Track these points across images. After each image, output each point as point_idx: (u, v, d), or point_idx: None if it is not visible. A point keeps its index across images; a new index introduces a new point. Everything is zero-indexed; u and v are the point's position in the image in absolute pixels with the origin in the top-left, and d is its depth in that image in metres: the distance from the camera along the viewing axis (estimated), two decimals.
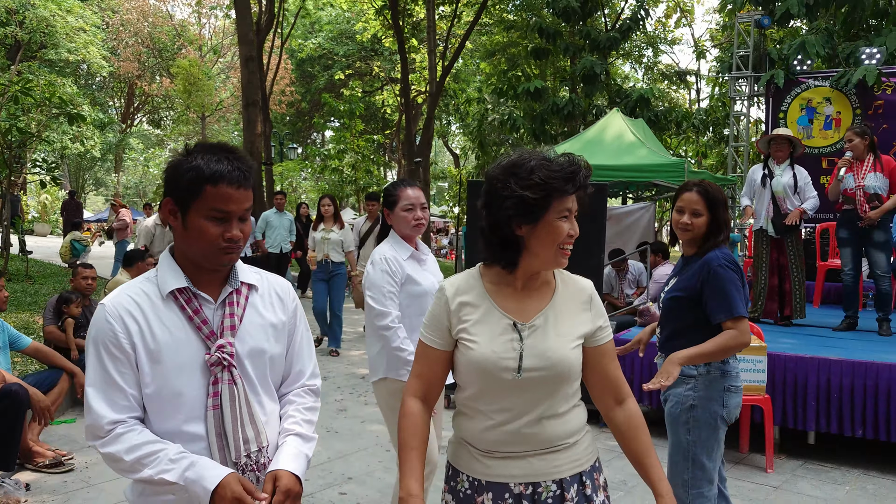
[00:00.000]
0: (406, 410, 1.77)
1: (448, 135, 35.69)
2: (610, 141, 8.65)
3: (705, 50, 22.09)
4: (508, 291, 1.74)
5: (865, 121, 8.81)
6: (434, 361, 1.78)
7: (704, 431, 2.75)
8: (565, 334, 1.73)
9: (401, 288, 3.00)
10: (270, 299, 1.79)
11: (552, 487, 1.72)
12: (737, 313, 2.68)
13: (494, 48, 21.84)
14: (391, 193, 3.10)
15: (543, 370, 1.68)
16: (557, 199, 1.64)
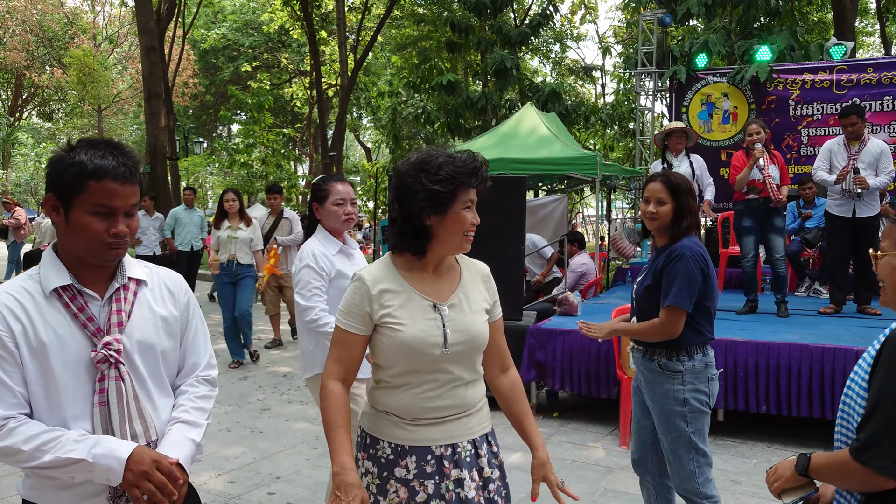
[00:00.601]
0: (328, 392, 1.90)
1: (360, 128, 35.40)
2: (525, 135, 8.80)
3: (609, 46, 22.85)
4: (422, 276, 1.93)
5: (759, 115, 9.35)
6: (353, 346, 1.92)
7: (700, 420, 2.85)
8: (477, 310, 1.97)
9: (330, 283, 2.99)
10: (161, 293, 1.80)
11: (468, 447, 1.94)
12: (671, 302, 2.74)
13: (406, 41, 21.81)
14: (321, 188, 3.08)
15: (465, 343, 1.91)
16: (462, 191, 1.83)
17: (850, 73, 9.19)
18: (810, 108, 9.31)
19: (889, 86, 9.00)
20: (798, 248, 7.78)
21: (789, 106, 9.37)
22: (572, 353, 5.49)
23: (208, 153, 26.32)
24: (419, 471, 1.89)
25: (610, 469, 4.45)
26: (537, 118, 9.15)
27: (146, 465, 1.58)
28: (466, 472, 1.91)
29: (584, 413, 5.72)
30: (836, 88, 9.21)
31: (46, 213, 1.66)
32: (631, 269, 9.55)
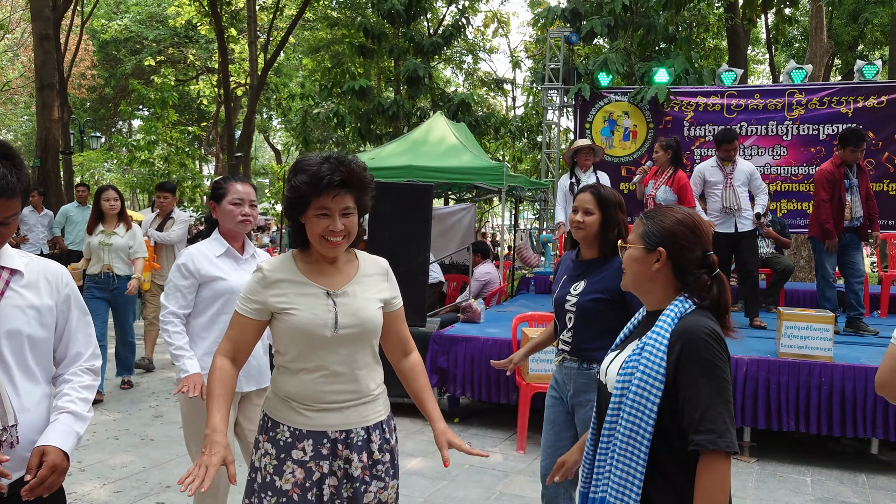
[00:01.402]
0: (215, 365, 2.04)
1: (269, 130, 34.66)
2: (434, 143, 8.90)
3: (520, 60, 23.40)
4: (318, 269, 2.10)
5: (657, 134, 9.83)
6: (246, 329, 2.08)
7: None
8: (370, 298, 2.13)
9: (204, 285, 2.90)
10: (37, 283, 1.83)
11: (361, 433, 2.10)
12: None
13: (318, 44, 21.57)
14: (220, 186, 3.00)
15: (356, 327, 2.06)
16: (314, 198, 1.96)
17: (739, 98, 9.81)
18: (703, 129, 9.87)
19: (774, 111, 9.66)
20: None
21: (684, 126, 9.90)
22: (473, 359, 5.58)
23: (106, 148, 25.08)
24: (315, 453, 2.04)
25: (506, 473, 4.55)
26: (447, 127, 9.27)
27: None
28: (356, 455, 2.07)
29: (483, 418, 5.82)
30: (727, 112, 9.80)
31: None
32: (534, 278, 9.80)
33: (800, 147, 9.61)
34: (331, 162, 1.97)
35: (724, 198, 6.30)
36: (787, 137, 9.63)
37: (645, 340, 1.76)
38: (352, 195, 2.00)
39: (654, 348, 1.72)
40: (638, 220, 1.88)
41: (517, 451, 4.97)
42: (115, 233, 5.98)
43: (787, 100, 9.65)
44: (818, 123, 9.54)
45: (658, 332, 1.74)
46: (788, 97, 9.65)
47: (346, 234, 2.03)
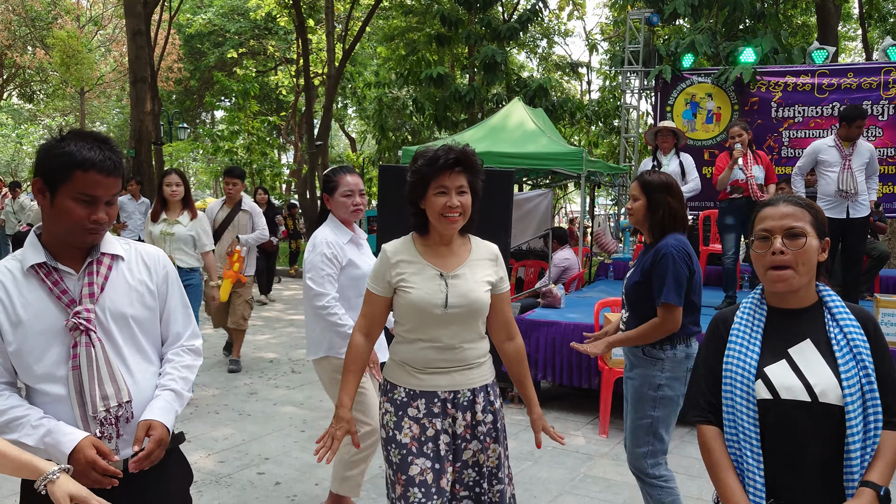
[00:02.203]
0: (352, 342, 2.35)
1: (344, 118, 35.27)
2: (512, 129, 8.92)
3: (596, 43, 22.99)
4: (434, 251, 2.31)
5: (742, 116, 9.54)
6: (377, 305, 2.35)
7: (668, 409, 2.95)
8: (479, 281, 2.31)
9: (341, 271, 3.11)
10: (137, 267, 1.94)
11: (467, 394, 2.33)
12: (665, 300, 2.83)
13: (393, 32, 21.79)
14: (331, 179, 3.20)
15: (464, 307, 2.26)
16: (434, 179, 2.19)
17: (831, 78, 9.40)
18: (792, 110, 9.52)
19: (868, 91, 9.22)
20: None
21: (771, 108, 9.57)
22: (555, 343, 5.62)
23: (192, 139, 26.13)
24: (427, 411, 2.30)
25: (590, 456, 4.59)
26: (525, 113, 9.27)
27: (82, 465, 1.69)
28: (460, 414, 2.31)
29: (565, 402, 5.86)
30: (818, 92, 9.41)
31: (34, 195, 1.79)
32: (613, 264, 9.71)
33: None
34: (445, 146, 2.22)
35: (840, 180, 5.92)
36: (882, 118, 9.19)
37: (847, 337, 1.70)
38: (465, 175, 2.21)
39: (860, 342, 1.69)
40: (796, 209, 1.75)
41: (600, 434, 4.99)
42: (178, 221, 5.40)
43: (883, 78, 9.19)
44: None
45: (849, 324, 1.71)
46: (884, 75, 9.19)
47: (462, 211, 2.21)
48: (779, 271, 1.69)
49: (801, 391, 1.68)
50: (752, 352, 1.74)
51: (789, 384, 1.69)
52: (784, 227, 1.70)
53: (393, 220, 5.37)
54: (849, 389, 1.64)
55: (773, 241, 1.70)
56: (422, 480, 2.24)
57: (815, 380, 1.68)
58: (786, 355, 1.73)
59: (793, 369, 1.70)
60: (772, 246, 1.70)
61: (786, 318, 1.76)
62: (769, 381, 1.71)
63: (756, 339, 1.76)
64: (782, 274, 1.69)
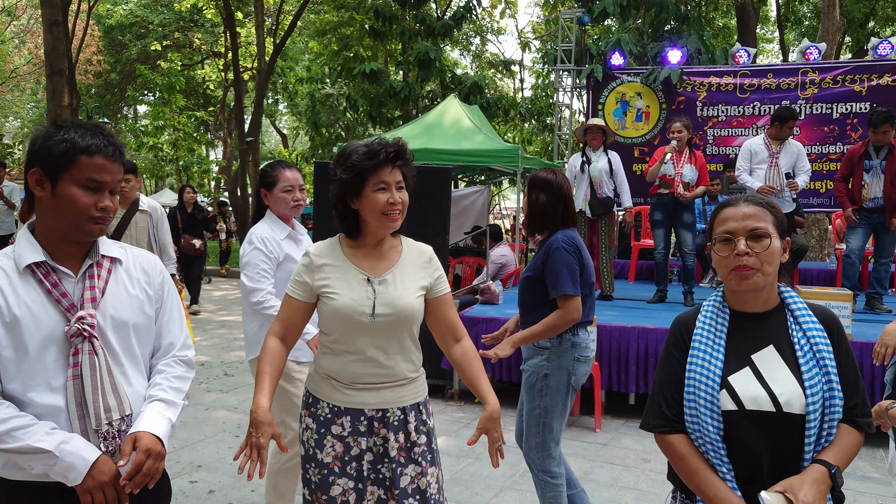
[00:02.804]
0: (266, 346, 2.14)
1: (276, 114, 34.60)
2: (448, 126, 8.91)
3: (528, 42, 23.27)
4: (362, 253, 2.17)
5: (670, 115, 9.81)
6: (296, 310, 2.17)
7: (555, 398, 2.99)
8: (410, 287, 2.16)
9: (278, 266, 3.03)
10: (135, 272, 1.83)
11: (398, 413, 2.16)
12: (562, 291, 2.91)
13: (325, 27, 21.47)
14: (269, 174, 3.13)
15: (392, 315, 2.10)
16: (372, 174, 2.05)
17: (752, 78, 9.77)
18: (716, 109, 9.84)
19: (787, 91, 9.63)
20: (703, 242, 8.23)
21: (697, 107, 9.87)
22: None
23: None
24: (353, 429, 2.13)
25: None
26: (460, 110, 9.27)
27: (106, 477, 1.63)
28: (392, 434, 2.13)
29: (505, 398, 5.87)
30: (740, 92, 9.77)
31: (30, 188, 1.70)
32: None
33: (813, 126, 9.58)
34: (380, 141, 2.10)
35: (767, 177, 6.22)
36: (800, 117, 9.60)
37: (811, 342, 1.65)
38: (402, 170, 2.11)
39: (823, 346, 1.65)
40: (758, 209, 1.69)
41: None
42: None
43: (801, 79, 9.61)
44: (832, 102, 9.50)
45: (812, 328, 1.66)
46: (802, 76, 9.60)
47: (402, 208, 2.11)
48: (743, 272, 1.64)
49: (766, 402, 1.62)
50: (717, 359, 1.67)
51: (754, 394, 1.62)
52: (747, 228, 1.65)
53: (329, 217, 5.26)
54: (812, 398, 1.59)
55: (737, 243, 1.65)
56: (344, 501, 2.12)
57: (780, 389, 1.62)
58: (749, 362, 1.66)
59: (757, 378, 1.64)
60: (735, 248, 1.65)
61: (749, 321, 1.71)
62: (734, 392, 1.64)
63: (720, 346, 1.68)
64: (747, 275, 1.64)
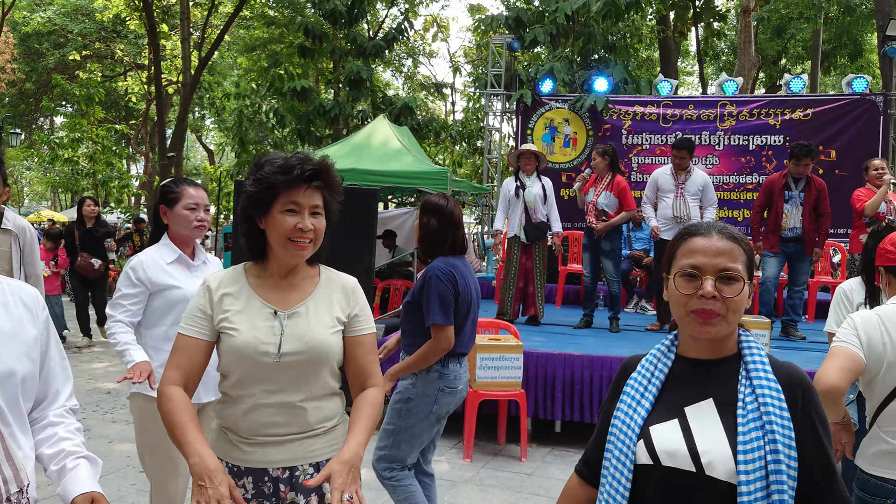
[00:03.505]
0: (169, 395, 1.76)
1: (202, 129, 33.74)
2: (377, 146, 8.80)
3: (459, 65, 23.50)
4: (271, 283, 1.88)
5: (596, 142, 9.99)
6: (193, 351, 1.83)
7: (412, 421, 3.02)
8: (324, 322, 1.86)
9: (156, 294, 2.76)
10: (16, 309, 1.52)
11: (309, 470, 1.84)
12: (432, 321, 2.92)
13: (254, 43, 21.12)
14: (172, 190, 2.87)
15: (302, 353, 1.80)
16: (282, 192, 1.77)
17: (674, 109, 10.08)
18: (640, 137, 10.09)
19: (707, 122, 9.96)
20: (628, 268, 8.35)
21: (622, 134, 10.10)
22: None
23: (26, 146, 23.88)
24: (257, 491, 1.83)
25: (453, 482, 4.49)
26: (390, 131, 9.18)
27: None
28: (303, 498, 1.82)
29: None
30: (662, 122, 10.05)
31: None
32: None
33: (731, 157, 9.93)
34: (300, 155, 1.82)
35: (674, 207, 6.37)
36: (719, 147, 9.95)
37: (759, 401, 1.36)
38: (322, 193, 1.83)
39: (775, 408, 1.35)
40: (732, 245, 1.43)
41: (464, 459, 4.92)
42: None
43: (719, 111, 9.97)
44: (748, 134, 9.89)
45: (765, 385, 1.37)
46: (720, 108, 9.97)
47: (314, 237, 1.82)
48: (706, 318, 1.39)
49: (685, 459, 1.37)
50: (642, 406, 1.45)
51: (672, 449, 1.38)
52: (718, 268, 1.39)
53: None
54: (744, 466, 1.31)
55: (704, 283, 1.39)
56: None
57: (705, 447, 1.36)
58: (680, 414, 1.42)
59: (683, 431, 1.40)
60: (701, 288, 1.39)
61: (695, 369, 1.46)
62: (651, 443, 1.41)
63: (650, 394, 1.47)
64: (711, 322, 1.38)
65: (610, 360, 5.19)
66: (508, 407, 5.25)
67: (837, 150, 9.58)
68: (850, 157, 9.45)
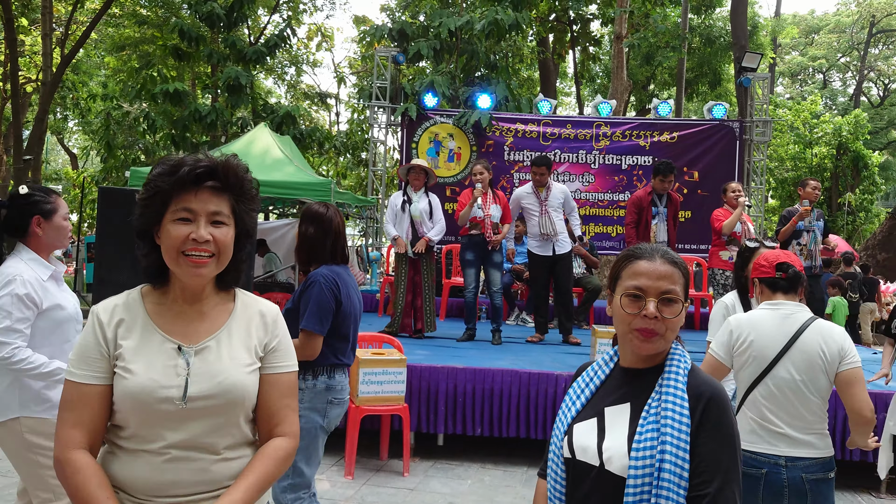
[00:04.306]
0: (76, 465, 1.47)
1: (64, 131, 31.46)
2: (257, 155, 8.52)
3: (344, 76, 23.32)
4: (174, 312, 1.57)
5: (480, 157, 10.18)
6: (92, 402, 1.51)
7: (305, 440, 2.86)
8: (240, 358, 1.57)
9: (42, 314, 2.56)
10: None
11: None
12: (304, 326, 2.87)
13: (124, 42, 19.97)
14: (46, 200, 2.66)
15: (213, 397, 1.52)
16: (175, 198, 1.50)
17: (553, 127, 10.45)
18: (521, 154, 10.38)
19: (584, 141, 10.40)
20: (509, 281, 8.53)
21: (504, 151, 10.35)
22: None
23: None
24: None
25: (335, 501, 4.37)
26: (271, 140, 8.94)
27: None
28: None
29: None
30: (542, 139, 10.39)
31: None
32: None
33: (605, 175, 10.41)
34: (197, 154, 1.56)
35: (540, 224, 6.61)
36: (594, 166, 10.40)
37: (662, 406, 1.49)
38: (226, 198, 1.55)
39: (674, 414, 1.47)
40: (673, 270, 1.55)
41: (345, 476, 4.80)
42: None
43: (595, 131, 10.43)
44: (621, 154, 10.41)
45: (671, 392, 1.50)
46: (596, 129, 10.44)
47: (215, 251, 1.52)
48: (647, 336, 1.51)
49: (593, 454, 1.51)
50: (574, 407, 1.61)
51: (585, 445, 1.53)
52: (660, 291, 1.52)
53: (114, 251, 4.74)
54: (634, 462, 1.44)
55: (647, 304, 1.51)
56: None
57: (609, 444, 1.51)
58: (600, 414, 1.56)
59: (598, 430, 1.54)
60: (644, 309, 1.52)
61: (625, 376, 1.60)
62: (572, 440, 1.56)
63: (584, 396, 1.61)
64: (651, 339, 1.52)
65: (492, 373, 5.24)
66: (392, 421, 5.18)
67: (700, 171, 10.28)
68: (710, 178, 10.16)
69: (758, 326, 2.62)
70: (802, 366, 2.54)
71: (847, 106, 34.55)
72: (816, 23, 40.40)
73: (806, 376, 2.53)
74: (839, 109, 34.36)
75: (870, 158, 17.73)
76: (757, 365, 2.59)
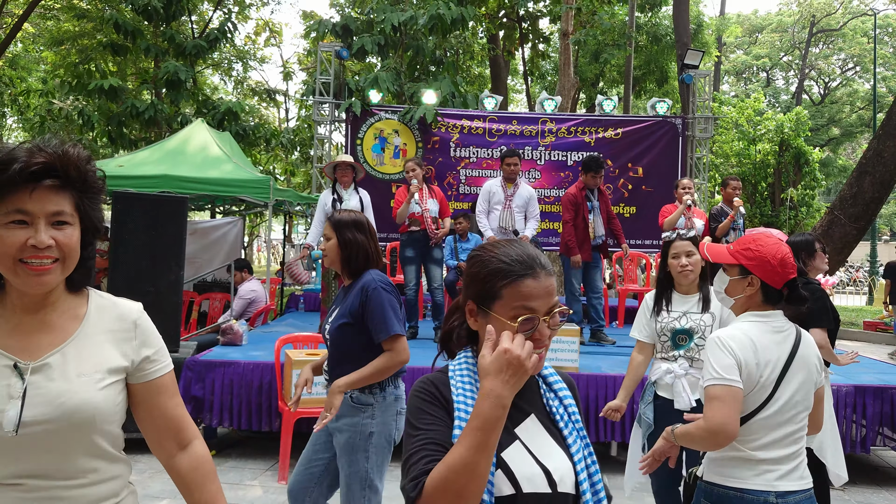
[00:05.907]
0: None
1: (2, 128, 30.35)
2: (193, 152, 8.27)
3: (292, 72, 22.96)
4: (11, 324, 1.38)
5: (426, 153, 10.09)
6: None
7: (381, 455, 2.80)
8: (90, 372, 1.39)
9: None
10: None
11: None
12: (392, 332, 2.74)
13: (63, 36, 19.29)
14: None
15: (52, 422, 1.33)
16: (4, 196, 1.30)
17: (499, 123, 10.41)
18: (467, 150, 10.32)
19: (530, 137, 10.39)
20: (455, 278, 8.46)
21: (450, 147, 10.27)
22: (232, 385, 5.20)
23: None
24: None
25: None
26: (209, 136, 8.70)
27: None
28: None
29: (243, 449, 5.43)
30: (489, 136, 10.35)
31: None
32: (304, 295, 9.51)
33: (551, 171, 10.43)
34: (32, 145, 1.35)
35: (501, 218, 6.57)
36: (540, 162, 10.41)
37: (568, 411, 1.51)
38: (68, 196, 1.36)
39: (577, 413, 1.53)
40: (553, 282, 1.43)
41: (279, 481, 4.67)
42: None
43: (541, 127, 10.44)
44: (566, 150, 10.43)
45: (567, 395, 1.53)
46: (541, 125, 10.44)
47: (60, 256, 1.35)
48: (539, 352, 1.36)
49: (542, 481, 1.36)
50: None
51: (530, 473, 1.35)
52: (549, 305, 1.38)
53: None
54: (581, 474, 1.40)
55: (540, 325, 1.35)
56: None
57: (553, 465, 1.38)
58: (513, 436, 1.39)
59: (529, 453, 1.38)
60: (538, 331, 1.36)
61: None
62: (510, 471, 1.35)
63: None
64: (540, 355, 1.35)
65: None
66: None
67: (644, 167, 10.37)
68: (654, 173, 10.27)
69: (758, 346, 2.22)
70: (801, 385, 2.24)
71: (789, 104, 35.57)
72: (760, 22, 41.43)
73: (801, 395, 2.25)
74: (782, 107, 35.34)
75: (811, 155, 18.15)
76: (763, 390, 2.21)
